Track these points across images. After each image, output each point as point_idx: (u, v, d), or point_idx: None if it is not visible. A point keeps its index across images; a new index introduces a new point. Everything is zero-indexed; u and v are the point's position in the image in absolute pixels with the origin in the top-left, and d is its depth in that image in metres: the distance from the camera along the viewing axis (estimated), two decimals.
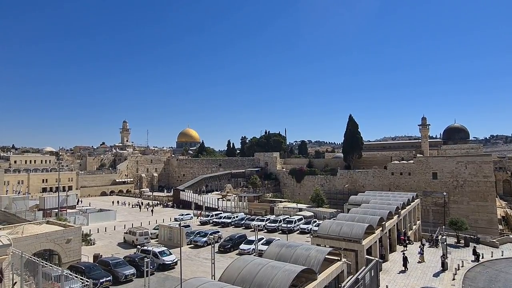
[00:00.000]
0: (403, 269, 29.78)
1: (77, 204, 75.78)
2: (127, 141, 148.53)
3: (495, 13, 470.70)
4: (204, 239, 39.20)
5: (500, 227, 63.29)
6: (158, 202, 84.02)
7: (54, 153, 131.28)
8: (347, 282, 19.17)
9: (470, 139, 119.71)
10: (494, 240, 43.01)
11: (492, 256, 36.23)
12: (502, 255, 36.98)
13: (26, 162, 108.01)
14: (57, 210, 56.10)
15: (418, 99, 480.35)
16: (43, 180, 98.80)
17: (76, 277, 17.04)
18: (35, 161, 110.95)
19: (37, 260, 18.20)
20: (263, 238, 36.59)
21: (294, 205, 63.51)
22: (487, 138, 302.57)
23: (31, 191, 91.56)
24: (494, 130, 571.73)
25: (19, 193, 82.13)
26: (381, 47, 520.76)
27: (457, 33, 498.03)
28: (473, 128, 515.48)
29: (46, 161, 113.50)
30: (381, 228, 31.07)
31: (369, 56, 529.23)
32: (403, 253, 31.43)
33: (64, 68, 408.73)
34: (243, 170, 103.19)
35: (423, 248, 36.05)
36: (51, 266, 18.99)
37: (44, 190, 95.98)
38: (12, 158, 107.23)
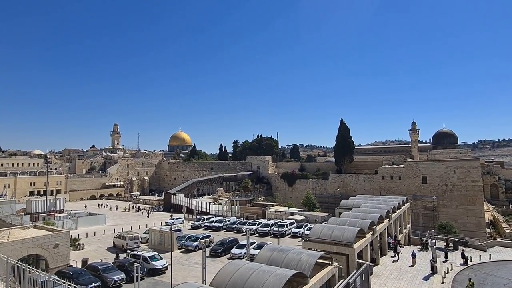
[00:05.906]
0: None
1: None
2: (117, 144, 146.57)
3: (485, 19, 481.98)
4: (195, 243, 38.92)
5: (488, 230, 64.24)
6: (150, 206, 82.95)
7: (43, 156, 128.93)
8: (338, 286, 19.20)
9: (459, 144, 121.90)
10: (482, 244, 43.64)
11: (480, 260, 36.73)
12: (490, 258, 37.54)
13: (13, 165, 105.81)
14: (44, 214, 55.11)
15: (408, 104, 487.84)
16: (30, 183, 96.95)
17: (64, 283, 16.68)
18: (22, 164, 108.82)
19: (23, 266, 17.79)
20: (254, 242, 36.47)
21: (285, 209, 63.46)
22: (475, 143, 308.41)
23: (18, 194, 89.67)
24: (481, 135, 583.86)
25: (4, 195, 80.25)
26: (372, 52, 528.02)
27: (445, 39, 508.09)
28: (462, 133, 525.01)
29: (34, 164, 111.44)
30: (372, 232, 31.25)
31: (360, 62, 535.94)
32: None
33: (54, 70, 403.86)
34: (235, 174, 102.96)
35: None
36: (38, 271, 18.56)
37: (31, 193, 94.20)
38: None
